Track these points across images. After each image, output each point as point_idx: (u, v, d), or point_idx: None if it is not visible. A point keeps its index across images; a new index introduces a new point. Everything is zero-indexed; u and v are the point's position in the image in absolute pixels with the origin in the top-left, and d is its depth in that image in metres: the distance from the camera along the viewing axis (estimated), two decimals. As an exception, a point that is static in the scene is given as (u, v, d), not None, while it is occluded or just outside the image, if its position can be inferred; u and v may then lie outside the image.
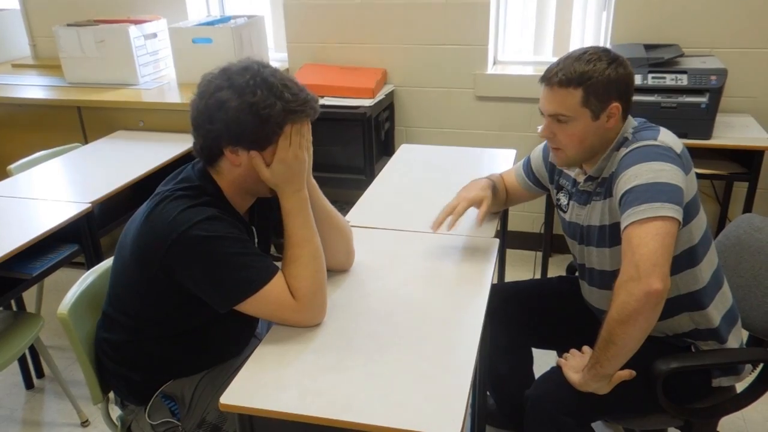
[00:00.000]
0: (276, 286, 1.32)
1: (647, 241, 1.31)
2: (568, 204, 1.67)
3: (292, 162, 1.33)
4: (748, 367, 1.60)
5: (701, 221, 1.50)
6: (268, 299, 1.32)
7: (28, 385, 2.49)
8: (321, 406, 1.15)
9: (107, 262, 1.63)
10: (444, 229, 1.68)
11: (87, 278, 1.58)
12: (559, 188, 1.72)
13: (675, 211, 1.34)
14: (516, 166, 1.87)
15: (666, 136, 1.46)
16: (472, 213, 1.73)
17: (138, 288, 1.39)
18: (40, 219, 2.06)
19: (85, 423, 2.28)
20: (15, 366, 2.45)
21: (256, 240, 1.49)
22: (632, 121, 1.54)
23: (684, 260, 1.48)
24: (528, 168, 1.82)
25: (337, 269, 1.57)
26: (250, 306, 1.32)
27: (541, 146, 1.80)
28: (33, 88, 3.33)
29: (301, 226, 1.37)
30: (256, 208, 1.51)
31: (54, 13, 3.66)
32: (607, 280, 1.56)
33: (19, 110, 3.17)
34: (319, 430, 1.16)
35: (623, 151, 1.47)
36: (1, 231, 1.99)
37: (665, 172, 1.38)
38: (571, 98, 1.45)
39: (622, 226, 1.37)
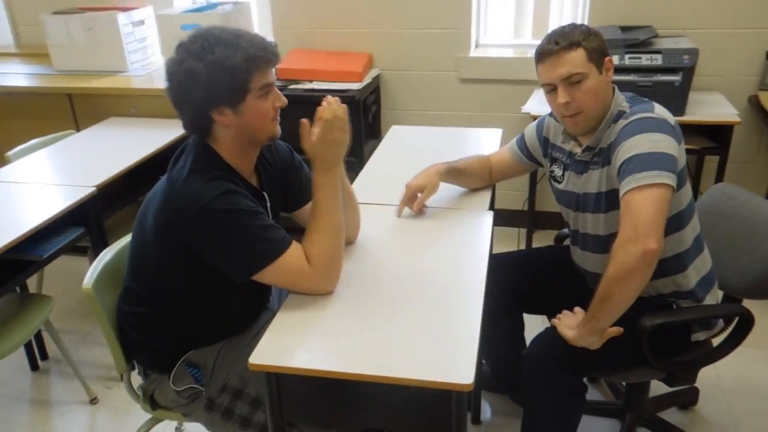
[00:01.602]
0: (292, 255, 1.40)
1: (645, 205, 1.43)
2: (563, 174, 1.78)
3: (330, 144, 1.43)
4: (720, 323, 1.75)
5: (688, 188, 1.63)
6: (285, 268, 1.40)
7: (33, 366, 2.54)
8: (344, 362, 1.25)
9: (122, 241, 1.70)
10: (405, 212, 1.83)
11: (105, 255, 1.65)
12: (553, 161, 1.83)
13: (670, 179, 1.46)
14: (510, 143, 1.97)
15: (660, 109, 1.59)
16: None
17: (160, 262, 1.46)
18: (46, 203, 2.11)
19: (93, 400, 2.35)
20: (19, 349, 2.48)
21: (269, 205, 1.55)
22: (622, 96, 1.65)
23: (672, 224, 1.60)
24: (522, 143, 1.92)
25: (346, 241, 1.64)
26: (267, 275, 1.40)
27: (534, 123, 1.91)
28: (21, 76, 3.34)
29: (329, 198, 1.46)
30: (263, 177, 1.57)
31: (36, 1, 3.65)
32: (600, 244, 1.69)
33: (9, 99, 3.18)
34: (340, 385, 1.26)
35: (622, 122, 1.58)
36: (9, 215, 2.04)
37: (662, 143, 1.50)
38: (578, 56, 1.57)
39: (621, 192, 1.49)
